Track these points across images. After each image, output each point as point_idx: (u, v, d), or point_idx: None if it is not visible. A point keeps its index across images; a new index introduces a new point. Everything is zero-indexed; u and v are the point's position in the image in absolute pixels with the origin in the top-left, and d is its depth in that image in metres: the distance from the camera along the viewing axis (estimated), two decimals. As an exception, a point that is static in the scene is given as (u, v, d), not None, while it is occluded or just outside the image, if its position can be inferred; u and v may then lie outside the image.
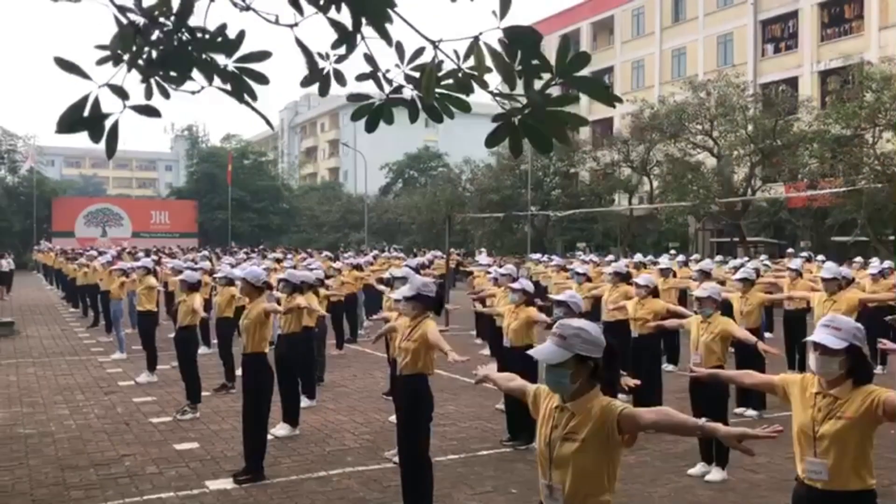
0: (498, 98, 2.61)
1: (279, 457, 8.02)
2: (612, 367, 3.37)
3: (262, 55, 2.59)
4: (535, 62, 2.44)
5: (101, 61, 2.45)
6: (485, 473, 7.61)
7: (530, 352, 3.39)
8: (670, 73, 45.01)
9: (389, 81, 2.71)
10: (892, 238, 27.54)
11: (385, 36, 2.52)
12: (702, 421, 3.21)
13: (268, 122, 2.91)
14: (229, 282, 11.48)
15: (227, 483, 7.18)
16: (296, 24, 2.56)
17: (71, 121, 2.38)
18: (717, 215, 32.02)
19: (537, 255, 23.53)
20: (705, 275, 11.97)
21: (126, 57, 2.43)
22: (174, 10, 2.43)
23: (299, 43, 2.57)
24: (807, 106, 30.99)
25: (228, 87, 2.59)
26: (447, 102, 2.63)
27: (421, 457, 6.31)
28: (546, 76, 2.48)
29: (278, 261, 20.74)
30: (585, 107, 51.13)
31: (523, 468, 7.62)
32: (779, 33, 40.86)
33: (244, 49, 2.59)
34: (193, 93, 2.59)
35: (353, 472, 7.56)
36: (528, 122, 2.52)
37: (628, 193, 37.92)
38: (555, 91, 2.57)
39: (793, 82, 37.87)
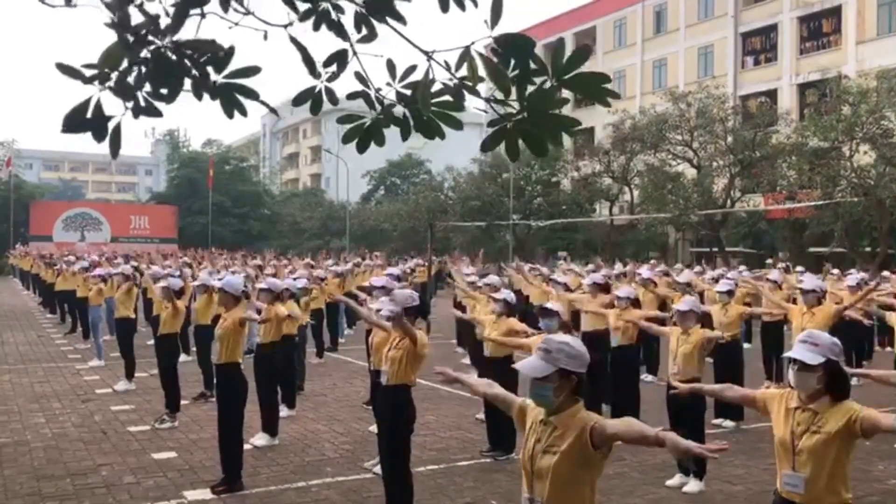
0: (492, 104, 2.63)
1: (258, 467, 7.98)
2: (596, 382, 3.42)
3: (252, 70, 2.59)
4: (531, 66, 2.47)
5: (88, 79, 2.45)
6: (464, 484, 7.61)
7: (515, 365, 3.42)
8: (651, 84, 45.40)
9: (381, 101, 2.72)
10: (868, 250, 27.89)
11: (398, 17, 2.54)
12: (658, 430, 3.24)
13: (272, 110, 2.94)
14: (207, 289, 11.42)
15: (205, 493, 7.14)
16: (290, 24, 2.57)
17: (75, 122, 2.40)
18: (696, 225, 32.29)
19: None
20: (687, 287, 12.04)
21: (114, 75, 2.44)
22: (162, 28, 2.44)
23: (294, 41, 2.58)
24: (785, 118, 31.37)
25: (212, 111, 2.60)
26: (439, 120, 2.64)
27: (402, 468, 6.31)
28: (540, 80, 2.50)
29: (259, 268, 20.63)
30: (569, 114, 51.43)
31: (503, 479, 7.63)
32: (759, 46, 41.36)
33: (234, 64, 2.59)
34: (168, 102, 2.59)
35: (333, 483, 7.54)
36: (523, 126, 2.53)
37: (609, 203, 38.15)
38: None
39: (772, 94, 38.33)
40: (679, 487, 7.46)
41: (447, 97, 2.64)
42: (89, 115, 2.42)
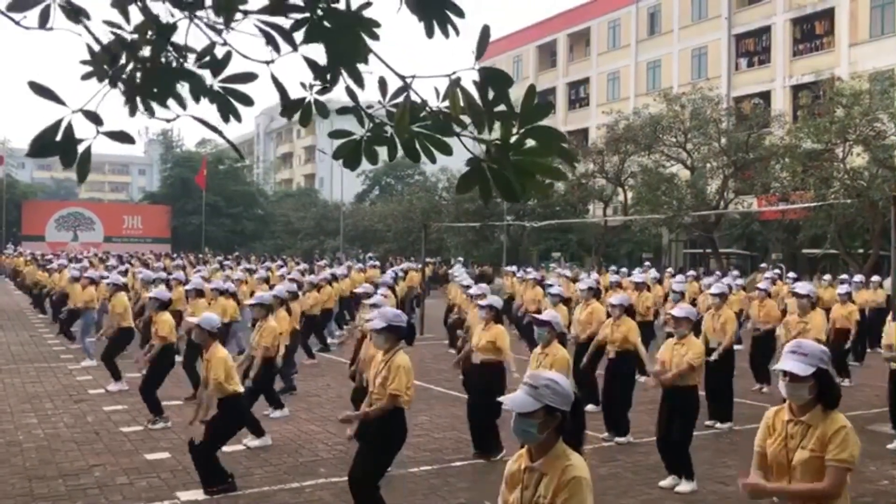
0: (472, 140, 2.60)
1: (251, 467, 7.96)
2: (578, 420, 3.40)
3: (248, 76, 2.58)
4: (502, 108, 2.45)
5: (85, 76, 2.43)
6: (458, 485, 7.61)
7: (501, 399, 3.39)
8: (645, 85, 45.50)
9: (371, 117, 2.71)
10: (860, 251, 27.99)
11: (357, 79, 2.53)
12: None
13: (239, 154, 2.94)
14: (199, 293, 11.38)
15: (198, 494, 7.12)
16: (272, 62, 2.56)
17: (43, 144, 2.35)
18: (689, 227, 32.34)
19: (512, 268, 23.50)
20: (681, 296, 12.06)
21: (110, 73, 2.42)
22: (155, 32, 2.43)
23: (274, 80, 2.58)
24: (779, 120, 31.46)
25: (206, 115, 2.58)
26: (428, 143, 2.62)
27: (370, 485, 6.02)
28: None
29: (250, 272, 20.56)
30: (562, 117, 51.57)
31: (497, 480, 7.57)
32: (752, 48, 41.48)
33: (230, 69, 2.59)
34: (169, 121, 2.58)
35: (326, 484, 7.53)
36: (495, 168, 2.51)
37: (603, 204, 38.21)
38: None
39: (766, 96, 38.44)
40: (672, 488, 7.48)
41: (428, 122, 2.62)
42: (59, 137, 2.36)
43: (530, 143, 2.49)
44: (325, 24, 2.43)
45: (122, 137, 2.42)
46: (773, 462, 3.94)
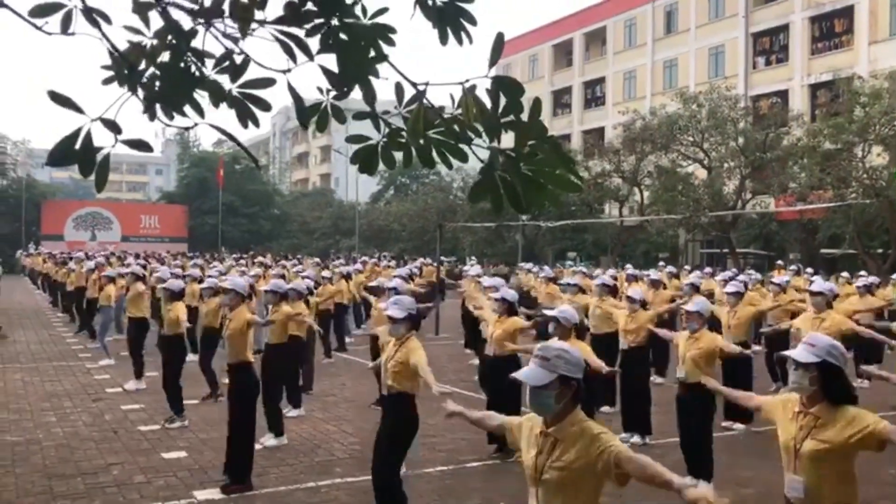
0: (482, 149, 2.60)
1: (267, 467, 8.00)
2: (591, 387, 3.43)
3: (267, 82, 2.60)
4: (511, 118, 2.46)
5: (106, 81, 2.45)
6: (472, 485, 7.61)
7: (515, 374, 3.38)
8: (662, 85, 45.30)
9: (388, 123, 2.71)
10: (879, 252, 27.74)
11: (368, 92, 2.55)
12: (675, 479, 3.20)
13: (255, 162, 2.96)
14: (215, 292, 11.43)
15: (214, 493, 7.17)
16: (288, 71, 2.58)
17: (63, 154, 2.36)
18: (706, 227, 32.15)
19: (528, 265, 23.55)
20: (695, 289, 12.01)
21: (129, 78, 2.44)
22: (175, 37, 2.45)
23: (291, 89, 2.59)
24: (797, 119, 31.22)
25: (224, 118, 2.61)
26: (444, 150, 2.62)
27: (392, 475, 6.16)
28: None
29: (266, 268, 20.68)
30: (578, 116, 51.42)
31: (511, 480, 7.62)
32: (770, 46, 41.19)
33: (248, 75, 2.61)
34: (187, 128, 2.61)
35: (342, 483, 7.56)
36: (507, 178, 2.51)
37: (619, 203, 38.06)
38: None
39: (783, 95, 38.16)
40: (688, 490, 7.43)
41: (443, 129, 2.62)
42: (78, 146, 2.37)
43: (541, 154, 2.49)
44: (341, 35, 2.44)
45: (140, 146, 2.44)
46: (783, 451, 3.98)
